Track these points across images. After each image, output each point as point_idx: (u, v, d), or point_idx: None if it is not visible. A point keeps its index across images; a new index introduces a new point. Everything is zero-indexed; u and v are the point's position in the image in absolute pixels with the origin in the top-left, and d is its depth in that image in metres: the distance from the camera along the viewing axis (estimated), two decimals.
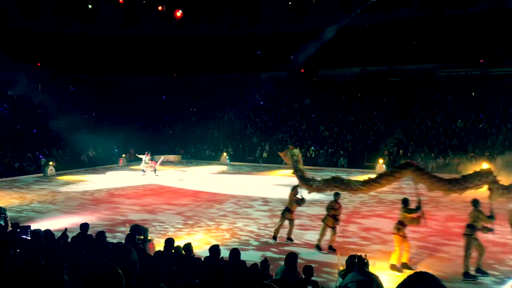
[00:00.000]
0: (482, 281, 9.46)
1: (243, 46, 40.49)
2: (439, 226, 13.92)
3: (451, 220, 14.54)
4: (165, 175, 25.70)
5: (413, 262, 10.54)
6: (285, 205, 12.87)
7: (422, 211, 10.20)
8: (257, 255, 10.76)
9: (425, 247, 11.75)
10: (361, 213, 15.78)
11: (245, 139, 34.34)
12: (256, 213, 15.88)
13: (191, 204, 17.43)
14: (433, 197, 18.81)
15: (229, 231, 13.32)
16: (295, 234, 12.85)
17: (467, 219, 10.03)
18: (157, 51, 39.82)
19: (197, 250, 10.24)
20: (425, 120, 30.95)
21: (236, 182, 23.28)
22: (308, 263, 9.44)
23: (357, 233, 13.19)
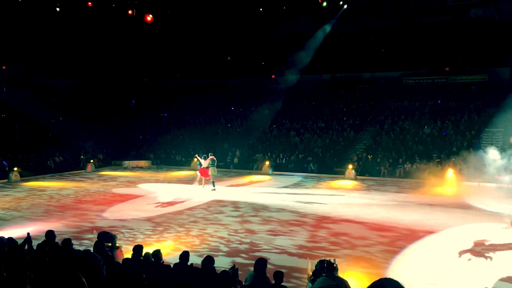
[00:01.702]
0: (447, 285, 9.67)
1: (212, 51, 40.45)
2: (406, 230, 14.17)
3: (418, 225, 14.83)
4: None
5: (380, 267, 10.71)
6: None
7: None
8: (227, 261, 10.73)
9: (392, 252, 11.94)
10: (330, 218, 15.92)
11: (216, 144, 34.24)
12: (226, 218, 15.83)
13: (161, 210, 17.25)
14: (400, 202, 19.20)
15: (199, 237, 13.24)
16: (265, 240, 12.90)
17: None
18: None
19: (167, 256, 10.14)
20: (393, 126, 31.56)
21: (206, 188, 23.14)
22: (278, 268, 9.48)
23: (326, 238, 13.31)
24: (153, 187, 23.25)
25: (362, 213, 16.83)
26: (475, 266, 10.76)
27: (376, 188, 23.29)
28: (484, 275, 10.10)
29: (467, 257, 11.38)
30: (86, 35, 35.34)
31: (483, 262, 11.02)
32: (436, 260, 11.18)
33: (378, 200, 19.64)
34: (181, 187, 23.40)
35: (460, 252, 11.74)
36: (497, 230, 14.07)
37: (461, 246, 12.21)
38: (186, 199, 19.71)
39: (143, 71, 42.13)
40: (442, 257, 11.40)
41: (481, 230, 14.11)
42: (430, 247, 12.44)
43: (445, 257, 11.44)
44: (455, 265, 10.82)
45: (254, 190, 22.23)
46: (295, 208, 17.76)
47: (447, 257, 11.43)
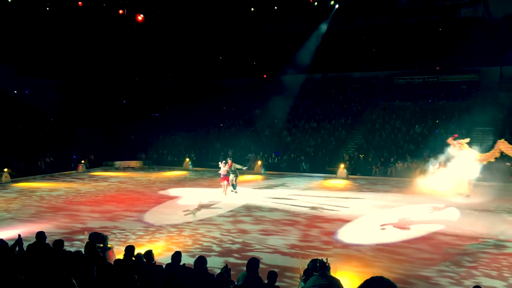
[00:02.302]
0: (438, 282, 9.74)
1: (204, 51, 40.40)
2: (397, 229, 14.25)
3: (408, 223, 14.91)
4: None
5: (372, 266, 10.75)
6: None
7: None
8: (219, 261, 10.71)
9: (384, 250, 12.00)
10: (323, 218, 15.96)
11: (208, 144, 34.19)
12: (219, 218, 15.81)
13: (153, 210, 17.19)
14: (391, 201, 19.29)
15: (192, 237, 13.20)
16: (258, 239, 12.90)
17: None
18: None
19: (159, 257, 10.10)
20: (384, 126, 31.70)
21: (199, 188, 23.12)
22: (270, 268, 9.49)
23: (318, 237, 13.34)
24: (144, 187, 23.15)
25: (354, 212, 16.90)
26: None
27: (368, 187, 23.38)
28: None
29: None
30: (76, 35, 35.12)
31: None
32: (426, 259, 11.26)
33: (369, 199, 19.72)
34: (173, 186, 23.28)
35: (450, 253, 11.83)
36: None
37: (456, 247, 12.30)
38: (177, 198, 19.66)
39: (134, 71, 41.96)
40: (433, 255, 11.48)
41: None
42: (420, 245, 12.51)
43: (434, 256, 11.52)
44: (444, 262, 10.89)
45: (246, 190, 22.21)
46: (287, 208, 17.78)
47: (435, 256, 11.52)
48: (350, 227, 14.64)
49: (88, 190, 22.23)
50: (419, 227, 14.44)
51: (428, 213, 16.77)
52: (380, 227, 14.61)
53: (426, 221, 15.46)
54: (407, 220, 15.53)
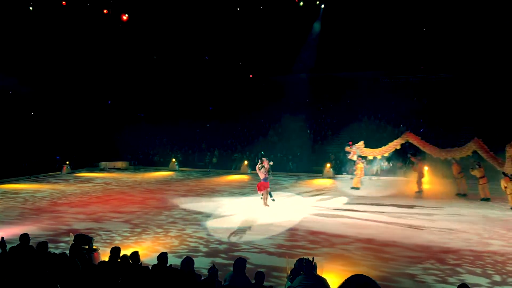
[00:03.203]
0: (423, 280, 9.83)
1: (190, 51, 40.25)
2: (383, 227, 14.36)
3: (395, 222, 15.04)
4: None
5: (358, 264, 10.82)
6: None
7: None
8: (206, 261, 10.68)
9: (370, 249, 12.07)
10: (309, 217, 16.01)
11: (194, 144, 34.11)
12: (205, 218, 15.77)
13: (139, 211, 17.08)
14: (377, 199, 19.44)
15: (178, 238, 13.14)
16: (245, 239, 12.89)
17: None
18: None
19: (145, 258, 10.04)
20: (370, 125, 31.92)
21: (185, 188, 23.04)
22: (257, 267, 9.52)
23: (305, 236, 13.37)
24: (130, 188, 22.96)
25: (340, 211, 16.99)
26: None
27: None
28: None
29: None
30: (61, 35, 34.72)
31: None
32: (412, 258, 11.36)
33: (355, 198, 19.85)
34: (159, 187, 23.14)
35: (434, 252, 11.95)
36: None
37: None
38: (163, 199, 19.56)
39: (120, 70, 41.59)
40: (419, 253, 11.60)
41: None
42: (406, 243, 12.61)
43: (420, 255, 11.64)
44: (429, 260, 11.00)
45: (233, 190, 22.19)
46: (274, 207, 17.81)
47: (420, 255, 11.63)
48: (335, 225, 14.69)
49: (73, 191, 22.01)
50: (404, 225, 14.57)
51: (412, 211, 16.92)
52: (365, 225, 14.71)
53: (411, 218, 15.60)
54: (393, 218, 15.66)
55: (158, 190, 22.32)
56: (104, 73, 40.34)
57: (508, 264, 10.69)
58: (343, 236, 13.34)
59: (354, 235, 13.42)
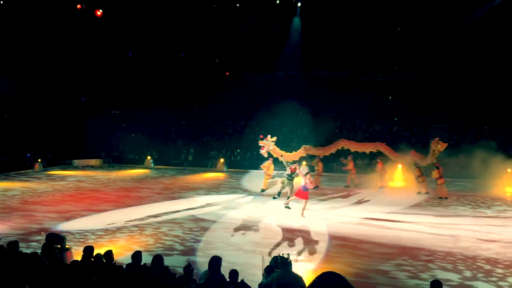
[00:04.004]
0: (396, 276, 9.99)
1: (165, 47, 39.84)
2: (358, 225, 14.53)
3: (368, 220, 15.24)
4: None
5: (334, 261, 10.92)
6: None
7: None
8: (182, 260, 10.62)
9: (345, 246, 12.20)
10: (286, 214, 16.07)
11: (169, 142, 33.86)
12: (181, 217, 15.66)
13: (113, 209, 16.85)
14: (356, 197, 19.66)
15: (153, 236, 13.03)
16: (220, 237, 12.87)
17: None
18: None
19: (119, 257, 9.92)
20: (346, 123, 32.22)
21: (160, 186, 22.84)
22: (232, 266, 9.48)
23: (281, 234, 13.42)
24: (105, 186, 22.62)
25: (318, 208, 17.10)
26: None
27: (328, 183, 23.70)
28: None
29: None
30: (33, 30, 33.91)
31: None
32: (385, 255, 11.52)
33: (330, 196, 20.03)
34: (134, 185, 22.86)
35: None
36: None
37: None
38: (138, 197, 19.35)
39: (95, 67, 40.87)
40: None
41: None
42: (380, 240, 12.79)
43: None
44: (402, 256, 11.18)
45: (209, 188, 22.12)
46: (249, 205, 17.83)
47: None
48: (311, 223, 14.78)
49: (45, 190, 21.56)
50: (378, 223, 14.78)
51: (385, 210, 17.16)
52: (341, 223, 14.86)
53: (385, 216, 15.82)
54: (367, 216, 15.85)
55: (133, 188, 22.07)
56: (77, 69, 39.60)
57: (478, 260, 10.95)
58: (319, 234, 13.44)
59: (330, 233, 13.53)
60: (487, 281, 9.58)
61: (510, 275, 9.89)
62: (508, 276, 9.82)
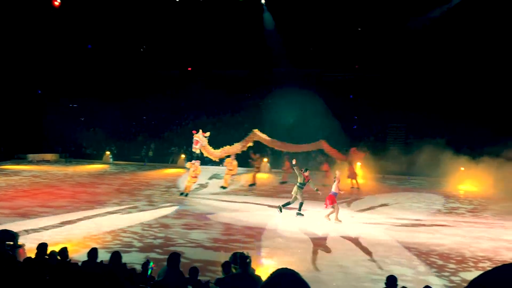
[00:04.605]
0: (354, 272, 10.18)
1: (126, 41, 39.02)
2: (317, 221, 14.72)
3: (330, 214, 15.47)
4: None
5: (294, 256, 11.01)
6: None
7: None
8: (140, 256, 10.45)
9: (305, 241, 12.34)
10: (246, 210, 16.12)
11: (129, 137, 33.27)
12: (140, 213, 15.43)
13: (69, 206, 16.39)
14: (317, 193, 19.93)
15: (111, 233, 12.76)
16: (180, 234, 12.75)
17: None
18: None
19: (75, 254, 9.66)
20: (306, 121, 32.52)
21: (119, 181, 22.41)
22: (193, 262, 9.46)
23: (241, 230, 13.44)
24: (61, 181, 21.97)
25: (278, 203, 17.20)
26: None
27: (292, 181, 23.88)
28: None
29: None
30: None
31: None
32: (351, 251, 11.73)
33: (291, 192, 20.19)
34: (92, 180, 22.33)
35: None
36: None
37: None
38: (96, 193, 18.91)
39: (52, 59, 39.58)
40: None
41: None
42: (341, 236, 13.01)
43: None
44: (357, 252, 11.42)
45: (169, 184, 21.88)
46: (210, 201, 17.78)
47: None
48: (271, 219, 14.87)
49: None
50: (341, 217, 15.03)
51: (343, 205, 17.48)
52: (301, 219, 15.02)
53: (343, 212, 16.11)
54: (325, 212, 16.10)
55: (90, 184, 21.55)
56: (34, 61, 38.25)
57: (432, 255, 11.31)
58: (279, 230, 13.54)
59: (290, 229, 13.65)
60: (440, 276, 9.90)
61: (461, 270, 10.26)
62: (460, 271, 10.19)
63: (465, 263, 10.78)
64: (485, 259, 11.05)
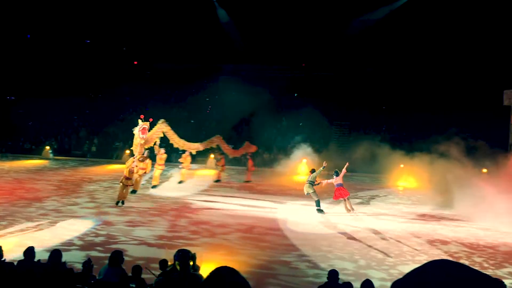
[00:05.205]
0: (297, 266, 10.36)
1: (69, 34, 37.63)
2: (262, 216, 14.86)
3: (274, 211, 15.64)
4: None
5: (238, 253, 11.06)
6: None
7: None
8: (80, 255, 10.12)
9: (249, 238, 12.42)
10: (191, 207, 16.02)
11: (71, 131, 32.14)
12: (81, 210, 14.94)
13: (5, 202, 15.60)
14: (257, 190, 20.06)
15: (50, 231, 12.27)
16: (123, 231, 12.47)
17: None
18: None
19: (12, 254, 9.21)
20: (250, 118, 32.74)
21: (59, 177, 21.60)
22: (136, 260, 9.29)
23: (186, 227, 13.33)
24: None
25: (222, 201, 17.22)
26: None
27: (236, 177, 23.97)
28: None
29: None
30: None
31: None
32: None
33: (238, 189, 20.28)
34: (30, 176, 21.39)
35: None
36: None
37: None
38: (34, 189, 18.13)
39: None
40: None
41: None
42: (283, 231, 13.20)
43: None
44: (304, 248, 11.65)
45: (113, 180, 21.32)
46: (156, 198, 17.51)
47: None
48: (216, 215, 14.85)
49: None
50: (285, 214, 15.25)
51: (292, 201, 17.74)
52: (245, 215, 15.10)
53: (288, 208, 16.35)
54: (269, 208, 16.27)
55: (28, 180, 20.63)
56: None
57: (373, 250, 11.70)
58: (224, 226, 13.54)
59: (235, 225, 13.69)
60: (380, 270, 10.26)
61: (400, 264, 10.68)
62: (398, 265, 10.60)
63: (403, 257, 11.22)
64: (421, 253, 11.56)
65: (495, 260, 11.29)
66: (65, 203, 15.87)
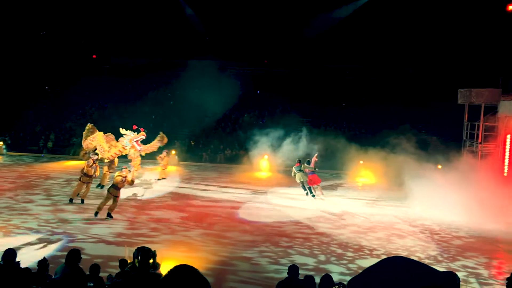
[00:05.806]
0: (258, 262, 10.42)
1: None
2: (224, 213, 14.86)
3: (235, 208, 15.68)
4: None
5: (199, 250, 11.02)
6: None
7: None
8: (36, 254, 9.82)
9: (210, 234, 12.39)
10: (152, 204, 15.80)
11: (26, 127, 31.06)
12: (36, 208, 14.46)
13: None
14: (221, 186, 20.01)
15: (3, 229, 11.84)
16: (80, 229, 12.19)
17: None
18: None
19: None
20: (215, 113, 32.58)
21: (14, 174, 20.84)
22: (94, 258, 9.12)
23: (146, 224, 13.15)
24: None
25: (185, 198, 17.09)
26: None
27: (198, 173, 23.83)
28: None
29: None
30: None
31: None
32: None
33: (200, 186, 20.15)
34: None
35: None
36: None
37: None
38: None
39: None
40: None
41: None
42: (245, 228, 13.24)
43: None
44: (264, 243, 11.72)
45: (69, 177, 20.75)
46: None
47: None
48: (177, 212, 14.74)
49: None
50: (247, 211, 15.29)
51: (254, 197, 17.80)
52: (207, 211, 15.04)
53: (249, 204, 16.41)
54: (232, 204, 16.28)
55: None
56: None
57: (332, 245, 11.90)
58: (185, 223, 13.45)
59: (196, 222, 13.62)
60: (339, 264, 10.46)
61: (358, 258, 10.92)
62: (357, 259, 10.84)
63: (361, 251, 11.48)
64: (379, 247, 11.85)
65: (449, 253, 11.71)
66: (19, 200, 15.32)
